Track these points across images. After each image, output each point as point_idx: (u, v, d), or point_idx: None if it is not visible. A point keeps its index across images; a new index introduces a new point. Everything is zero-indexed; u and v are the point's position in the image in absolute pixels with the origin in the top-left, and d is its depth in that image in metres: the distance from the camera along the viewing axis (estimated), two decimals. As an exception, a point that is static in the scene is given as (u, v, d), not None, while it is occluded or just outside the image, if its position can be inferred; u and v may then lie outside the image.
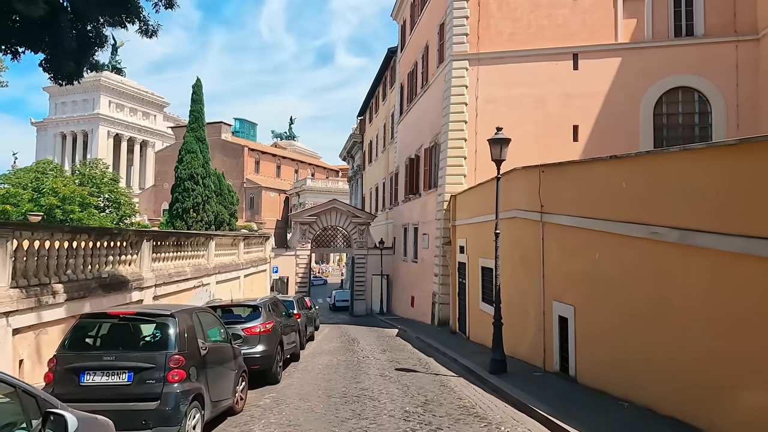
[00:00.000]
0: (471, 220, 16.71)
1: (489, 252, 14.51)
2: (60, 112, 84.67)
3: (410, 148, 28.18)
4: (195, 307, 7.63)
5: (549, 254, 10.79)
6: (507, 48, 21.80)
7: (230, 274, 17.88)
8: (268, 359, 10.10)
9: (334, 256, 79.32)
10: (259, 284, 21.68)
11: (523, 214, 12.18)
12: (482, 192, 15.46)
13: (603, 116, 20.89)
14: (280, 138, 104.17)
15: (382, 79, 37.85)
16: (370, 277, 32.14)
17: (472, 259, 16.54)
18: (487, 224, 14.72)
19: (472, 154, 21.74)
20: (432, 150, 24.30)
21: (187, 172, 42.59)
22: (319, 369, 12.22)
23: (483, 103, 21.87)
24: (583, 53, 21.35)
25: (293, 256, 31.21)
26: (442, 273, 21.68)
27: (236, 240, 19.04)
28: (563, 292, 10.16)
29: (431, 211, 23.81)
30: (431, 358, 13.70)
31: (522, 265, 12.25)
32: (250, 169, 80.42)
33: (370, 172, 43.45)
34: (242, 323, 10.21)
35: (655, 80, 20.66)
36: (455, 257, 18.91)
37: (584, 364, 9.43)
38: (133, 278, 11.38)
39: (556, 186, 10.55)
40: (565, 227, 10.08)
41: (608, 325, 8.66)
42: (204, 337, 7.03)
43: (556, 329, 10.37)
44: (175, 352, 6.19)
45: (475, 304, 16.12)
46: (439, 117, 23.26)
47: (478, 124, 21.79)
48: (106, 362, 6.07)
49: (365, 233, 32.42)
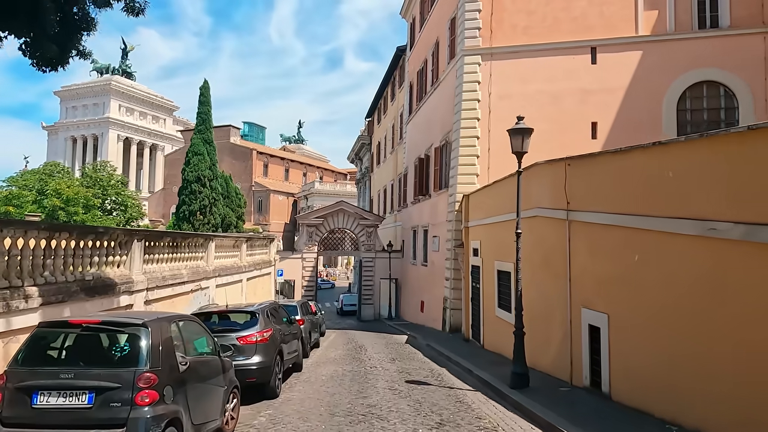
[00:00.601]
0: (486, 220, 15.60)
1: (506, 254, 13.40)
2: (71, 116, 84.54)
3: (420, 147, 27.12)
4: (175, 315, 6.58)
5: (576, 256, 9.66)
6: (521, 42, 20.71)
7: (231, 277, 16.86)
8: (266, 371, 9.04)
9: (342, 259, 78.37)
10: (263, 288, 20.66)
11: (545, 213, 11.06)
12: (498, 190, 14.35)
13: (623, 112, 19.73)
14: (289, 141, 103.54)
15: (390, 78, 36.87)
16: (378, 281, 31.05)
17: (486, 263, 15.42)
18: (503, 225, 13.62)
19: (485, 153, 20.65)
20: (443, 149, 23.23)
21: (194, 175, 41.88)
22: (323, 381, 11.14)
23: (496, 100, 20.79)
24: (602, 47, 20.22)
25: (299, 258, 30.21)
26: (454, 277, 20.55)
27: (238, 241, 18.04)
28: (594, 298, 9.03)
29: (442, 213, 22.71)
30: (444, 369, 12.58)
31: (544, 269, 11.13)
32: (258, 173, 79.80)
33: (378, 174, 42.44)
34: (237, 331, 9.16)
35: (678, 74, 19.48)
36: (468, 260, 17.79)
37: (620, 379, 8.28)
38: (122, 281, 10.39)
39: (586, 180, 9.43)
40: (596, 226, 8.96)
41: (651, 337, 7.52)
42: (185, 350, 5.98)
43: (585, 340, 9.23)
44: (146, 369, 5.15)
45: (490, 310, 14.98)
46: (450, 114, 22.19)
47: (491, 122, 20.71)
48: (63, 381, 5.04)
49: (373, 236, 31.37)
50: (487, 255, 15.42)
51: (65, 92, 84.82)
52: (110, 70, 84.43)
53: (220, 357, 6.91)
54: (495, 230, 14.56)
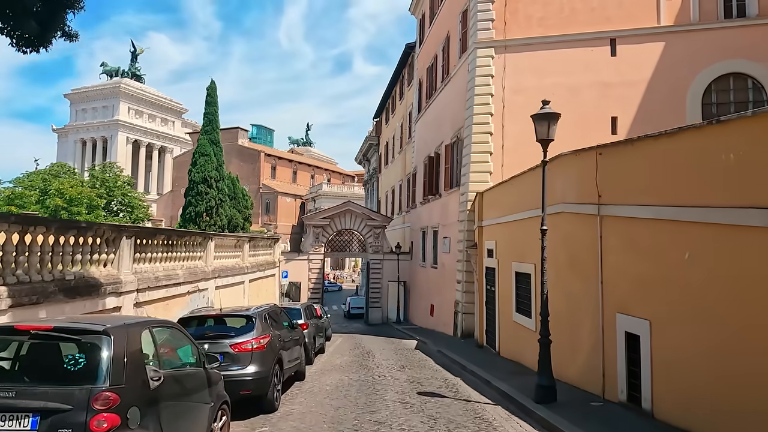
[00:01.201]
0: (502, 219, 14.52)
1: (525, 255, 12.34)
2: (80, 119, 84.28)
3: (429, 146, 26.09)
4: (149, 321, 5.57)
5: (610, 255, 8.59)
6: (537, 34, 19.65)
7: (233, 278, 15.90)
8: (263, 382, 8.03)
9: (349, 261, 77.40)
10: (266, 290, 19.68)
11: (571, 208, 9.99)
12: (517, 186, 13.29)
13: (645, 107, 18.60)
14: (297, 144, 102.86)
15: (399, 77, 35.90)
16: (386, 284, 30.00)
17: (503, 264, 14.34)
18: (522, 223, 12.56)
19: (499, 150, 19.59)
20: (454, 146, 22.19)
21: (201, 176, 41.15)
22: (327, 391, 10.11)
23: (510, 94, 19.74)
24: (622, 38, 19.12)
25: (306, 260, 29.24)
26: (466, 280, 19.46)
27: (240, 241, 17.09)
28: (632, 302, 7.94)
29: (453, 213, 21.66)
30: (459, 379, 11.51)
31: (570, 270, 10.05)
32: (266, 175, 79.16)
33: (386, 175, 41.44)
34: (231, 338, 8.16)
35: (703, 66, 18.32)
36: (482, 262, 16.71)
37: (665, 394, 7.19)
38: (109, 281, 9.43)
39: (622, 170, 8.35)
40: (635, 220, 7.88)
41: (705, 346, 6.43)
42: (160, 363, 4.99)
43: (621, 349, 8.15)
44: (105, 387, 4.16)
45: (507, 314, 13.89)
46: (461, 110, 21.16)
47: (505, 117, 19.67)
48: (2, 400, 4.07)
49: (381, 237, 30.34)
50: (503, 256, 14.35)
51: (75, 95, 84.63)
52: (120, 73, 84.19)
53: (205, 369, 5.91)
54: (513, 229, 13.49)
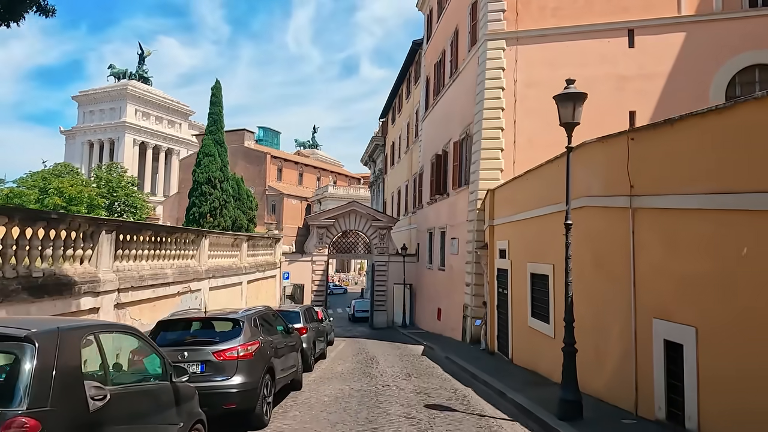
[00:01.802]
0: (515, 217, 13.47)
1: (542, 255, 11.28)
2: (88, 121, 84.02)
3: (436, 144, 25.09)
4: (94, 325, 4.55)
5: (645, 252, 7.54)
6: (550, 25, 18.62)
7: (229, 278, 14.95)
8: (250, 395, 7.03)
9: (354, 264, 76.39)
10: (266, 292, 18.72)
11: (597, 201, 8.95)
12: (532, 181, 12.25)
13: (665, 101, 17.49)
14: (303, 147, 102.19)
15: (406, 75, 34.96)
16: (391, 287, 28.96)
17: (516, 265, 13.28)
18: (539, 220, 11.52)
19: (510, 146, 18.56)
20: (462, 143, 21.17)
21: (205, 176, 40.38)
22: (326, 403, 9.09)
23: (522, 88, 18.71)
24: (640, 29, 18.05)
25: (309, 261, 28.26)
26: (475, 282, 18.41)
27: (238, 240, 16.13)
28: (673, 306, 6.88)
29: (461, 212, 20.62)
30: (470, 389, 10.45)
31: (595, 270, 8.99)
32: (272, 177, 78.53)
33: (392, 176, 40.47)
34: (214, 344, 7.16)
35: (727, 58, 17.21)
36: (493, 263, 15.66)
37: (715, 414, 6.12)
38: (84, 279, 8.49)
39: (659, 155, 7.30)
40: (677, 212, 6.84)
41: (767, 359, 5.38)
42: (106, 377, 4.01)
43: (659, 359, 7.08)
44: (21, 410, 3.18)
45: (521, 319, 12.82)
46: (471, 105, 20.14)
47: (516, 112, 18.64)
48: None
49: (386, 238, 29.32)
50: (517, 256, 13.29)
51: (83, 97, 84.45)
52: (127, 75, 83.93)
53: (173, 383, 4.91)
54: (528, 227, 12.44)
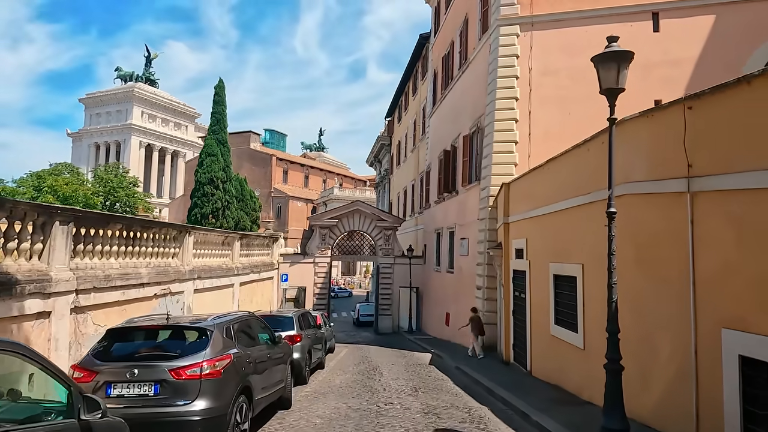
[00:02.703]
0: (534, 212, 11.98)
1: (569, 253, 9.78)
2: (94, 123, 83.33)
3: (445, 140, 23.62)
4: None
5: (708, 246, 6.03)
6: (568, 8, 17.15)
7: (218, 280, 13.52)
8: (217, 423, 5.57)
9: (360, 267, 74.92)
10: (262, 294, 17.29)
11: (641, 188, 7.45)
12: (555, 170, 10.75)
13: (693, 88, 15.69)
14: (310, 149, 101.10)
15: (412, 71, 33.55)
16: (397, 290, 27.45)
17: (536, 266, 11.77)
18: (565, 214, 10.01)
19: (525, 138, 17.09)
20: (473, 136, 19.69)
21: (207, 176, 39.26)
22: (317, 426, 7.62)
23: (538, 76, 17.25)
24: (665, 11, 16.54)
25: (311, 263, 26.81)
26: (488, 285, 16.90)
27: (230, 238, 14.72)
28: (751, 313, 5.37)
29: (472, 210, 19.12)
30: (486, 408, 8.94)
31: (639, 270, 7.47)
32: (278, 179, 77.49)
33: (397, 175, 39.03)
34: (172, 359, 5.72)
35: (761, 42, 15.64)
36: (508, 264, 14.14)
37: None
38: (30, 278, 7.09)
39: (730, 122, 5.80)
40: (754, 194, 5.33)
41: None
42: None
43: (732, 380, 5.56)
44: None
45: (542, 326, 11.30)
46: (482, 96, 18.68)
47: (532, 102, 17.17)
48: None
49: (392, 239, 27.83)
50: (537, 256, 11.79)
51: (89, 99, 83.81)
52: (134, 78, 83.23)
53: (81, 420, 3.47)
54: (550, 223, 10.94)
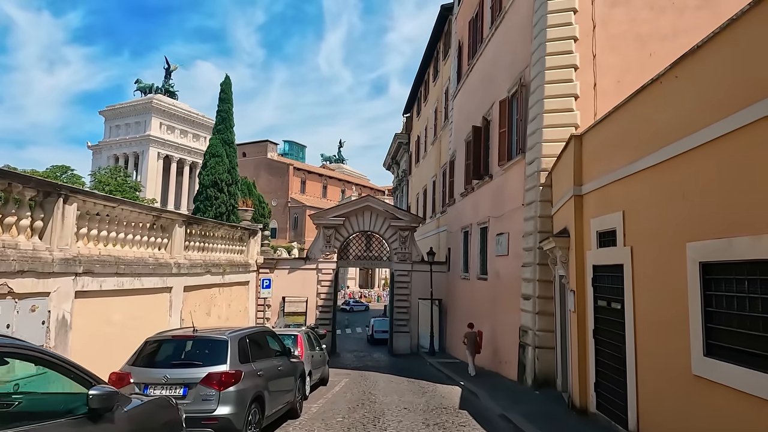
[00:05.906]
0: (642, 163, 6.90)
1: (736, 222, 4.65)
2: (114, 135, 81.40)
3: (473, 116, 18.70)
4: None
5: None
6: None
7: (137, 279, 8.72)
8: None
9: (379, 279, 69.75)
10: (228, 305, 12.41)
11: None
12: (690, 75, 5.72)
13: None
14: (329, 161, 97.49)
15: (432, 54, 28.86)
16: (415, 302, 22.38)
17: (649, 254, 6.68)
18: (719, 148, 4.93)
19: (588, 91, 12.16)
20: (513, 99, 14.73)
21: (210, 179, 34.89)
22: None
23: (604, 7, 12.37)
24: None
25: (314, 269, 21.97)
26: (540, 294, 11.76)
27: (167, 221, 9.95)
28: None
29: (513, 195, 14.09)
30: None
31: None
32: (295, 189, 73.75)
33: (416, 175, 34.18)
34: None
35: None
36: (583, 258, 8.98)
37: None
38: None
39: None
40: None
41: None
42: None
43: None
44: None
45: (666, 357, 6.14)
46: (525, 45, 13.78)
47: (597, 42, 12.27)
48: None
49: (409, 242, 22.80)
50: (650, 237, 6.68)
51: (109, 112, 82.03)
52: (153, 90, 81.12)
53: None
54: (684, 173, 5.86)
